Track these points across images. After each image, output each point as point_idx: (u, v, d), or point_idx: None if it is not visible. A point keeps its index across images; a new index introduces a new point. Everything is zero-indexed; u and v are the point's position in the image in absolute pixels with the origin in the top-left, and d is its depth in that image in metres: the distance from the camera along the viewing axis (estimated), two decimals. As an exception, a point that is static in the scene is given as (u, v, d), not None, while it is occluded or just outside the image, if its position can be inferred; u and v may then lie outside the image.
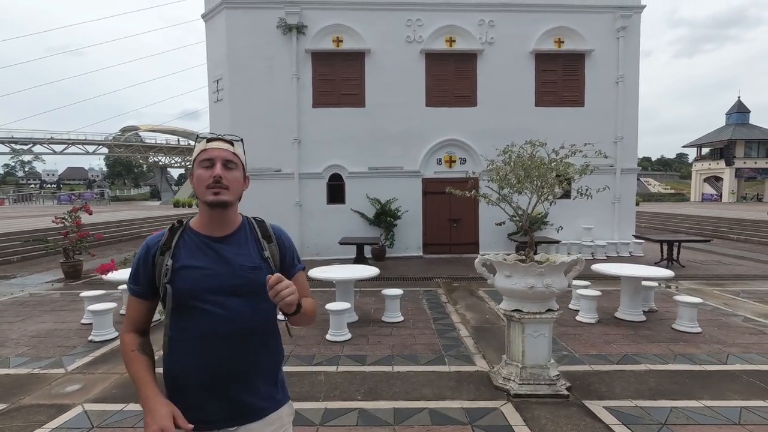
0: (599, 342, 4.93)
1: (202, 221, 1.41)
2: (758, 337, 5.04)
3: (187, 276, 1.32)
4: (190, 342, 1.32)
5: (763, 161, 35.77)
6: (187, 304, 1.31)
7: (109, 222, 17.28)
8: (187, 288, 1.31)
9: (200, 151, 1.37)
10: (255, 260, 1.41)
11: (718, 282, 8.13)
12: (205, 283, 1.32)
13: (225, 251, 1.37)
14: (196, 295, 1.31)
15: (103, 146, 54.32)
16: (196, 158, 1.38)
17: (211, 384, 1.33)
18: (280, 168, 10.74)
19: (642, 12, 10.89)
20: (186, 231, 1.40)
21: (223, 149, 1.37)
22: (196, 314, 1.31)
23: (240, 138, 1.46)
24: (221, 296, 1.32)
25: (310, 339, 5.06)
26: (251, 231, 1.47)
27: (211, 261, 1.35)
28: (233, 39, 10.45)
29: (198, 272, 1.33)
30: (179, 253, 1.35)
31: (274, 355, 1.47)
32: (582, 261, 3.75)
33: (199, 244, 1.37)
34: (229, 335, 1.32)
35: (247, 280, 1.36)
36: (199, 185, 1.34)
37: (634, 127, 11.10)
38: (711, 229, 15.99)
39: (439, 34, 10.69)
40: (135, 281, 1.40)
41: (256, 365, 1.38)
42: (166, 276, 1.32)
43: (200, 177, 1.34)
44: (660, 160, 77.74)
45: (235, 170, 1.38)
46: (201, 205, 1.39)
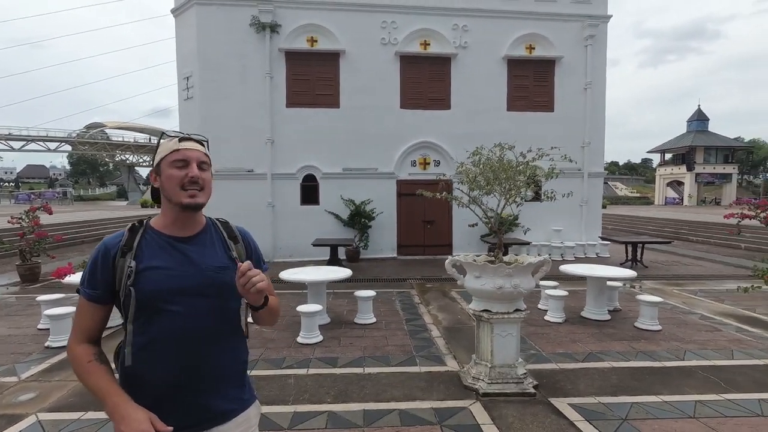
0: (566, 341, 5.06)
1: (165, 221, 1.37)
2: (713, 334, 5.29)
3: (152, 277, 1.27)
4: (155, 345, 1.27)
5: (720, 167, 37.71)
6: (152, 307, 1.26)
7: (71, 222, 16.55)
8: (152, 290, 1.26)
9: (172, 150, 1.33)
10: (223, 261, 1.39)
11: (678, 282, 8.50)
12: (171, 284, 1.28)
13: (191, 252, 1.34)
14: (162, 296, 1.27)
15: (66, 143, 52.05)
16: (165, 157, 1.33)
17: (179, 388, 1.29)
18: (253, 168, 10.56)
19: (608, 21, 11.30)
20: (147, 231, 1.35)
21: (197, 150, 1.35)
22: (163, 316, 1.27)
23: (206, 138, 1.45)
24: (188, 297, 1.29)
25: (281, 342, 4.99)
26: (216, 232, 1.46)
27: (177, 261, 1.31)
28: (204, 36, 10.21)
29: (163, 273, 1.29)
30: (142, 254, 1.30)
31: (240, 355, 1.45)
32: (549, 262, 3.85)
33: (162, 245, 1.33)
34: (197, 337, 1.29)
35: (215, 281, 1.34)
36: (172, 185, 1.31)
37: (601, 133, 11.49)
38: (672, 231, 16.72)
39: (414, 37, 10.77)
40: (91, 285, 1.31)
41: (223, 366, 1.36)
42: (129, 278, 1.26)
43: (173, 177, 1.31)
44: (627, 165, 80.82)
45: (207, 171, 1.37)
46: (167, 206, 1.36)
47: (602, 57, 11.35)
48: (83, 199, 56.39)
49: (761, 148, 52.82)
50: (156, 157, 1.36)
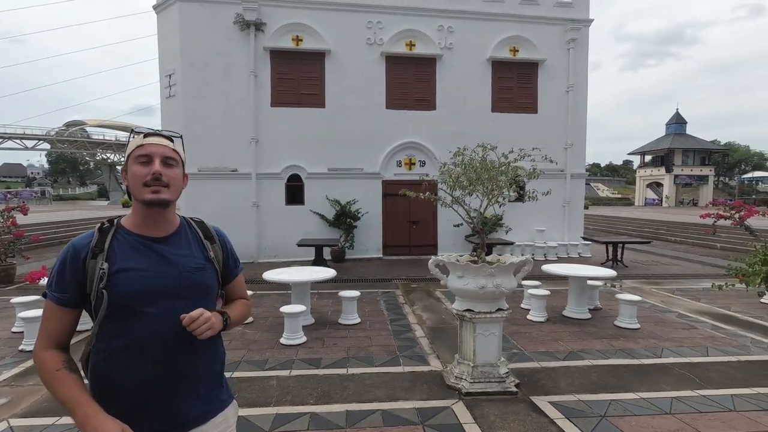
0: (547, 339, 5.13)
1: (136, 221, 1.33)
2: (690, 332, 5.42)
3: (125, 279, 1.23)
4: (130, 349, 1.23)
5: (698, 169, 38.75)
6: (126, 309, 1.22)
7: (48, 222, 16.12)
8: (126, 292, 1.22)
9: (136, 146, 1.30)
10: (200, 261, 1.37)
11: (657, 281, 8.70)
12: (146, 285, 1.24)
13: (167, 252, 1.31)
14: (137, 298, 1.23)
15: (45, 141, 50.70)
16: (130, 154, 1.30)
17: (155, 392, 1.26)
18: (237, 168, 10.43)
19: (590, 25, 11.50)
20: (119, 231, 1.31)
21: (163, 145, 1.32)
22: (138, 319, 1.23)
23: (180, 134, 1.41)
24: (165, 299, 1.26)
25: (264, 343, 4.94)
26: (192, 231, 1.43)
27: (151, 262, 1.28)
28: (187, 33, 10.05)
29: (138, 274, 1.25)
30: (114, 255, 1.25)
31: (218, 356, 1.43)
32: (530, 262, 3.90)
33: (135, 245, 1.29)
34: (174, 339, 1.25)
35: (192, 282, 1.32)
36: (135, 182, 1.27)
37: (582, 134, 11.69)
38: (651, 231, 17.10)
39: (400, 37, 10.79)
40: (60, 288, 1.25)
41: (201, 368, 1.34)
42: (102, 281, 1.21)
43: (136, 173, 1.27)
44: (608, 166, 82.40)
45: (176, 167, 1.34)
46: (135, 204, 1.32)
47: (584, 60, 11.55)
48: (62, 199, 55.00)
49: (736, 151, 54.44)
50: (127, 153, 1.33)
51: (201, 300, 1.33)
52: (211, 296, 1.40)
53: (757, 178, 38.84)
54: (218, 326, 1.31)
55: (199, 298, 1.33)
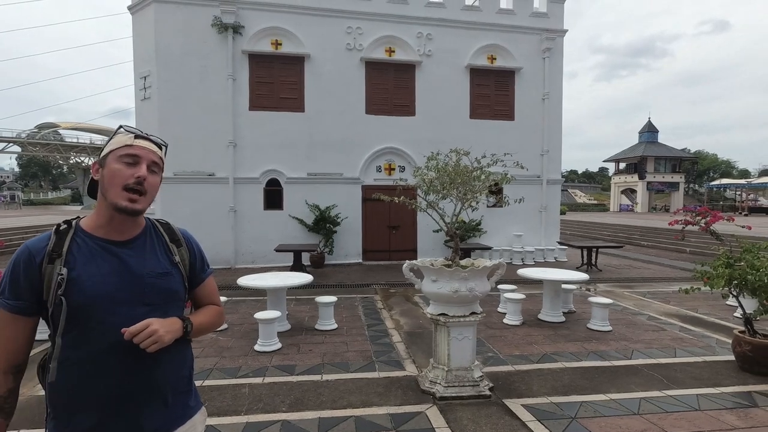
0: (522, 343, 5.19)
1: (99, 222, 1.25)
2: (659, 334, 5.57)
3: (85, 286, 1.16)
4: (90, 361, 1.17)
5: (669, 176, 40.06)
6: (86, 318, 1.16)
7: (17, 228, 15.52)
8: (86, 299, 1.16)
9: (124, 144, 1.24)
10: (165, 266, 1.32)
11: (629, 284, 8.92)
12: (107, 292, 1.18)
13: (129, 257, 1.25)
14: (97, 306, 1.16)
15: (15, 144, 48.91)
16: (114, 150, 1.23)
17: (121, 403, 1.20)
18: (214, 172, 10.26)
19: (564, 36, 11.80)
20: (78, 234, 1.23)
21: (152, 150, 1.28)
22: (99, 328, 1.17)
23: (166, 143, 1.38)
24: (127, 306, 1.20)
25: (237, 350, 4.85)
26: (157, 235, 1.37)
27: (113, 268, 1.21)
28: (163, 34, 9.87)
29: (98, 281, 1.18)
30: (73, 259, 1.18)
31: (186, 362, 1.38)
32: (503, 265, 3.94)
33: (95, 249, 1.22)
34: (138, 348, 1.17)
35: (157, 288, 1.26)
36: (114, 182, 1.20)
37: (558, 141, 11.94)
38: (625, 236, 17.56)
39: (379, 43, 10.84)
40: (14, 295, 1.16)
41: (167, 375, 1.28)
42: (60, 287, 1.14)
43: (118, 173, 1.21)
44: (585, 173, 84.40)
45: (157, 175, 1.30)
46: (103, 205, 1.24)
47: (559, 69, 11.83)
48: (33, 203, 53.05)
49: (705, 159, 56.61)
50: (105, 148, 1.26)
51: (166, 306, 1.28)
52: (177, 302, 1.34)
53: (724, 185, 40.36)
54: (170, 336, 1.22)
55: (163, 304, 1.27)
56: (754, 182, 37.59)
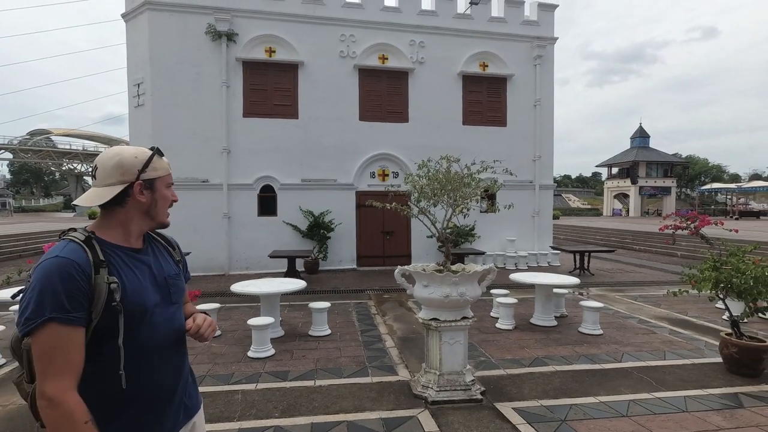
0: (514, 347, 5.23)
1: (122, 234, 1.32)
2: (649, 337, 5.64)
3: (132, 291, 1.25)
4: (146, 361, 1.29)
5: (661, 180, 40.49)
6: (138, 321, 1.26)
7: (9, 235, 15.38)
8: (136, 303, 1.25)
9: (168, 172, 1.42)
10: (175, 268, 1.48)
11: (621, 288, 9.01)
12: (148, 295, 1.30)
13: (150, 262, 1.38)
14: (145, 309, 1.28)
15: (6, 150, 48.56)
16: (162, 177, 1.38)
17: (173, 392, 1.37)
18: (208, 178, 10.27)
19: (555, 43, 11.99)
20: (105, 245, 1.27)
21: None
22: (147, 330, 1.29)
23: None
24: (162, 307, 1.34)
25: (230, 357, 4.85)
26: (155, 241, 1.49)
27: (143, 273, 1.33)
28: (156, 42, 9.91)
29: (140, 286, 1.29)
30: (116, 269, 1.25)
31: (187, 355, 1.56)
32: (494, 270, 3.99)
33: (126, 259, 1.31)
34: (175, 340, 1.38)
35: (177, 288, 1.42)
36: (164, 206, 1.41)
37: (550, 147, 12.08)
38: (617, 240, 17.72)
39: (372, 51, 10.95)
40: (74, 308, 1.13)
41: (188, 369, 1.49)
42: (114, 294, 1.19)
43: (167, 198, 1.41)
44: (578, 178, 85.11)
45: None
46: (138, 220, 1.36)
47: (550, 76, 12.00)
48: (25, 210, 52.49)
49: (696, 164, 57.24)
50: (149, 171, 1.33)
51: (182, 303, 1.47)
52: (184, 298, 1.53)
53: (715, 189, 40.83)
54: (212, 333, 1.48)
55: (180, 302, 1.45)
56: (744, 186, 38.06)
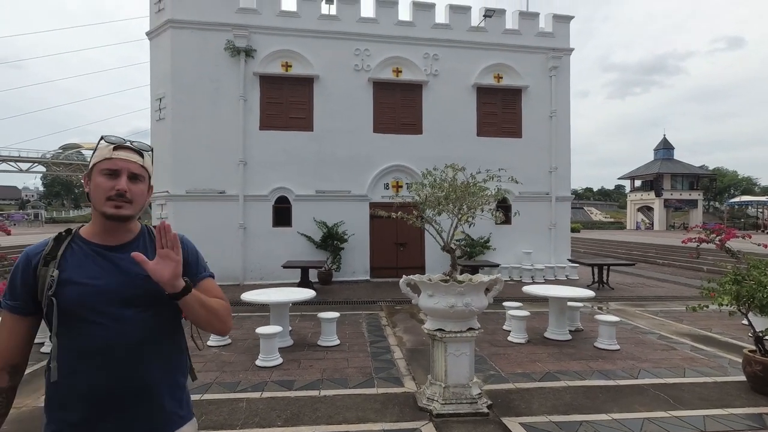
0: (526, 361, 5.09)
1: (94, 230, 1.33)
2: (669, 353, 5.41)
3: (74, 287, 1.22)
4: (80, 359, 1.21)
5: (686, 193, 39.28)
6: (76, 318, 1.21)
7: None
8: (74, 299, 1.21)
9: (104, 158, 1.27)
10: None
11: (641, 303, 8.71)
12: (95, 293, 1.23)
13: (120, 260, 1.29)
14: (86, 306, 1.21)
15: (40, 164, 50.80)
16: (96, 164, 1.27)
17: (107, 404, 1.22)
18: (224, 190, 10.49)
19: (571, 54, 11.91)
20: (75, 240, 1.31)
21: (131, 161, 1.29)
22: (87, 328, 1.21)
23: (150, 148, 1.40)
24: (114, 307, 1.24)
25: (238, 365, 4.87)
26: (150, 239, 1.39)
27: (103, 270, 1.26)
28: (178, 58, 10.29)
29: (87, 282, 1.23)
30: (66, 263, 1.25)
31: (177, 369, 1.38)
32: (501, 281, 3.92)
33: (89, 253, 1.28)
34: (123, 348, 1.23)
35: (144, 290, 1.27)
36: (98, 194, 1.26)
37: (567, 159, 11.90)
38: (640, 254, 17.19)
39: (386, 64, 11.09)
40: (11, 296, 1.25)
41: (156, 380, 1.29)
42: (50, 288, 1.20)
43: (100, 186, 1.26)
44: (600, 191, 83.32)
45: (141, 183, 1.32)
46: (95, 214, 1.31)
47: (566, 87, 11.89)
48: (56, 221, 54.56)
49: (725, 176, 55.37)
50: (91, 160, 1.32)
51: (155, 308, 1.29)
52: (164, 305, 1.30)
53: (745, 202, 39.30)
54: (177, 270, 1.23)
55: (151, 306, 1.29)
56: (776, 199, 36.56)
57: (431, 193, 3.71)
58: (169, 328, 1.36)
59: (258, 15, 10.56)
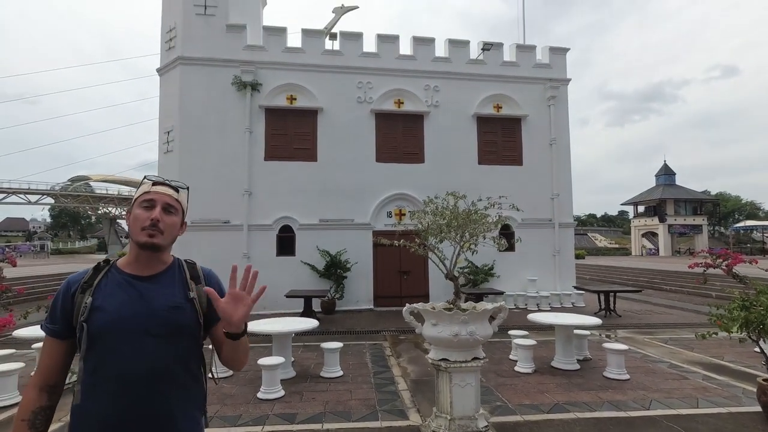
0: (533, 392, 4.98)
1: (129, 260, 1.41)
2: (680, 383, 5.28)
3: (103, 314, 1.28)
4: (100, 384, 1.26)
5: (690, 218, 39.11)
6: (101, 344, 1.27)
7: (40, 276, 16.02)
8: (101, 326, 1.27)
9: (143, 192, 1.40)
10: (177, 300, 1.37)
11: (650, 330, 8.54)
12: (119, 322, 1.28)
13: (148, 290, 1.35)
14: (110, 334, 1.27)
15: (48, 196, 51.47)
16: (137, 198, 1.40)
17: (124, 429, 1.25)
18: (229, 219, 10.59)
19: (568, 84, 12.20)
20: (111, 270, 1.39)
21: (166, 194, 1.41)
22: (108, 354, 1.27)
23: (186, 186, 1.50)
24: (134, 336, 1.28)
25: (240, 398, 4.79)
26: (180, 271, 1.45)
27: (130, 300, 1.32)
28: (186, 93, 10.63)
29: (115, 310, 1.29)
30: (100, 291, 1.33)
31: (193, 400, 1.39)
32: (505, 308, 3.89)
33: (121, 283, 1.35)
34: (140, 377, 1.26)
35: (165, 320, 1.31)
36: (135, 225, 1.36)
37: (568, 185, 11.98)
38: (646, 280, 16.97)
39: (388, 96, 11.39)
40: (51, 320, 1.35)
41: (172, 410, 1.30)
42: (83, 314, 1.28)
43: (138, 217, 1.36)
44: (604, 217, 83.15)
45: (174, 215, 1.41)
46: (131, 244, 1.40)
47: (565, 115, 12.12)
48: (61, 252, 54.86)
49: (728, 201, 55.26)
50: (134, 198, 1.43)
51: (175, 339, 1.33)
52: (186, 337, 1.36)
53: (750, 227, 39.02)
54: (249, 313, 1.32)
55: (171, 336, 1.32)
56: (781, 223, 36.29)
57: (433, 221, 3.74)
58: (188, 360, 1.38)
59: (264, 51, 10.97)
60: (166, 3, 11.52)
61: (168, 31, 11.16)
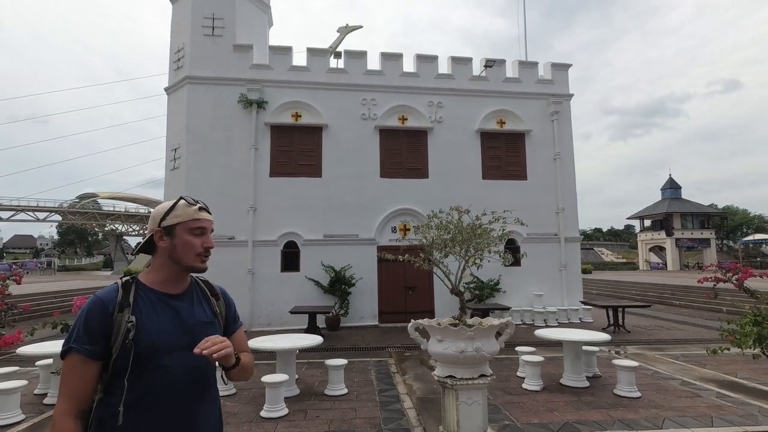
0: (542, 410, 4.87)
1: (158, 278, 1.43)
2: (693, 401, 5.15)
3: (149, 332, 1.31)
4: (149, 401, 1.28)
5: (698, 232, 38.70)
6: (147, 362, 1.29)
7: (46, 292, 16.05)
8: (148, 345, 1.29)
9: (192, 218, 1.44)
10: (209, 315, 1.49)
11: (660, 346, 8.38)
12: (166, 339, 1.33)
13: (182, 308, 1.42)
14: (158, 352, 1.31)
15: (56, 213, 52.04)
16: (183, 222, 1.42)
17: None
18: (234, 236, 10.62)
19: (571, 99, 12.27)
20: (139, 288, 1.40)
21: (211, 220, 1.51)
22: (156, 372, 1.30)
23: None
24: (181, 351, 1.34)
25: (243, 416, 4.72)
26: (200, 289, 1.55)
27: (170, 318, 1.38)
28: (193, 111, 10.81)
29: (159, 328, 1.34)
30: (138, 309, 1.34)
31: (218, 406, 1.52)
32: (512, 324, 3.84)
33: (155, 302, 1.38)
34: (186, 390, 1.34)
35: (202, 335, 1.36)
36: (189, 251, 1.42)
37: (573, 199, 11.94)
38: (655, 295, 16.73)
39: (392, 112, 11.51)
40: (89, 340, 1.27)
41: (209, 417, 1.43)
42: (129, 333, 1.28)
43: (191, 244, 1.42)
44: (610, 231, 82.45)
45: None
46: (168, 265, 1.43)
47: (568, 130, 12.16)
48: (68, 269, 55.05)
49: (736, 214, 54.72)
50: (170, 218, 1.43)
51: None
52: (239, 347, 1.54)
53: (759, 241, 38.52)
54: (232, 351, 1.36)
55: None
56: (791, 237, 35.81)
57: (438, 235, 3.73)
58: (214, 368, 1.49)
59: (270, 70, 11.17)
60: (175, 24, 11.81)
61: (176, 51, 11.41)
